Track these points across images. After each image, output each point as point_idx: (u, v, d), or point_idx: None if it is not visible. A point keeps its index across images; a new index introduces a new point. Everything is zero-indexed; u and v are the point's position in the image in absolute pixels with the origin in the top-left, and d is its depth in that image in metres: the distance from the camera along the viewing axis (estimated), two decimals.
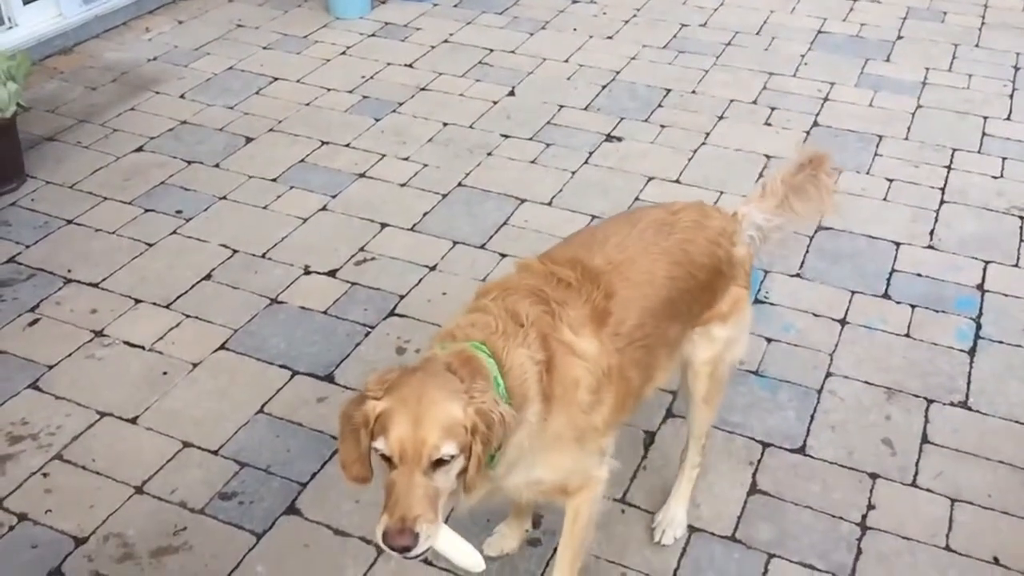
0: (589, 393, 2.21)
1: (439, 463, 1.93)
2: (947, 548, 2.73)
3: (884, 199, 4.25)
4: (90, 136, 4.69)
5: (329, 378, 3.30)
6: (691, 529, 2.77)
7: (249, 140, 4.68)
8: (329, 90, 5.12)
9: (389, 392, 1.97)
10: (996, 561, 2.69)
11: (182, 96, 5.06)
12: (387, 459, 1.95)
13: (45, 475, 2.94)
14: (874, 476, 2.94)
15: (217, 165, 4.48)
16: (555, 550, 2.69)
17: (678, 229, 2.46)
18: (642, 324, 2.31)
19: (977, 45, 5.63)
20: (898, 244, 3.96)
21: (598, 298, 2.26)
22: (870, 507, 2.85)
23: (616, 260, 2.34)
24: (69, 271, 3.79)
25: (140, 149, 4.60)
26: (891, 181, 4.36)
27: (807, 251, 3.91)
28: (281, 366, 3.35)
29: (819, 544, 2.74)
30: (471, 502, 2.17)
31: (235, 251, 3.92)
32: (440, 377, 2.00)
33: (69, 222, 4.08)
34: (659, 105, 4.99)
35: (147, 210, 4.16)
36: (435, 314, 3.57)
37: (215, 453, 3.02)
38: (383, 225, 4.08)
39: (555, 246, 2.53)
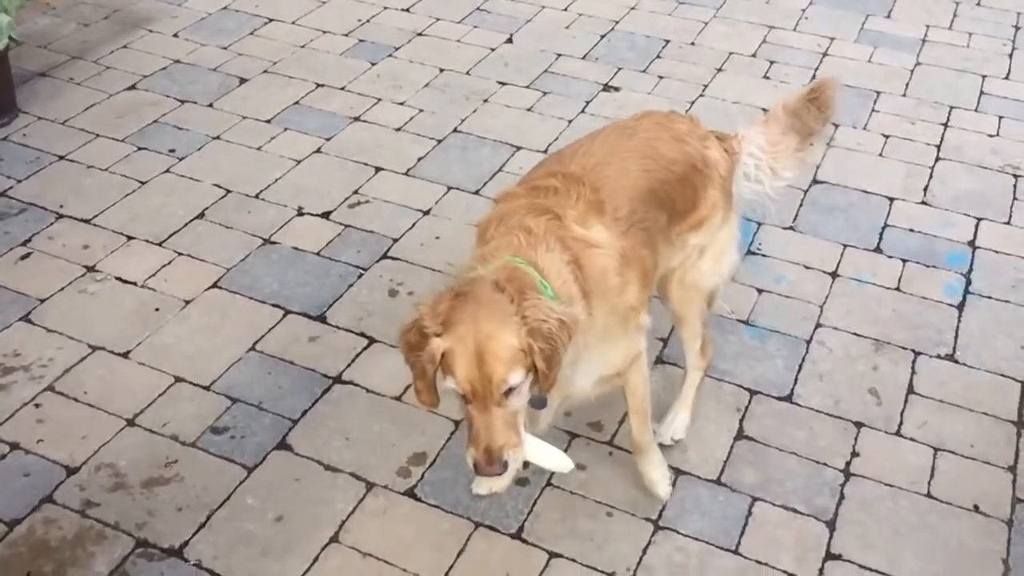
0: (616, 276, 2.31)
1: (509, 391, 2.01)
2: (928, 495, 2.77)
3: (880, 155, 4.24)
4: (83, 73, 4.64)
5: (321, 318, 3.31)
6: (677, 472, 2.81)
7: (243, 81, 4.64)
8: (324, 32, 5.07)
9: (447, 328, 2.02)
10: (976, 508, 2.74)
11: (175, 35, 5.00)
12: (460, 394, 2.04)
13: (37, 406, 2.95)
14: (859, 425, 2.98)
15: (211, 105, 4.44)
16: (542, 490, 2.75)
17: (640, 131, 2.58)
18: (634, 210, 2.41)
19: (979, 3, 5.58)
20: (892, 199, 3.97)
21: (587, 193, 2.35)
22: (854, 455, 2.89)
23: (588, 165, 2.43)
24: (61, 207, 3.78)
25: (133, 87, 4.56)
26: (887, 137, 4.36)
27: (801, 204, 3.92)
28: (273, 305, 3.36)
29: (803, 489, 2.78)
30: (549, 419, 2.31)
31: (228, 191, 3.90)
32: (491, 304, 2.03)
33: (61, 158, 4.06)
34: (657, 56, 4.96)
35: (140, 148, 4.14)
36: (428, 258, 3.57)
37: (207, 388, 3.03)
38: (377, 169, 4.06)
39: (523, 176, 2.60)
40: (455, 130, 4.32)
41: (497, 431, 2.02)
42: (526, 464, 2.28)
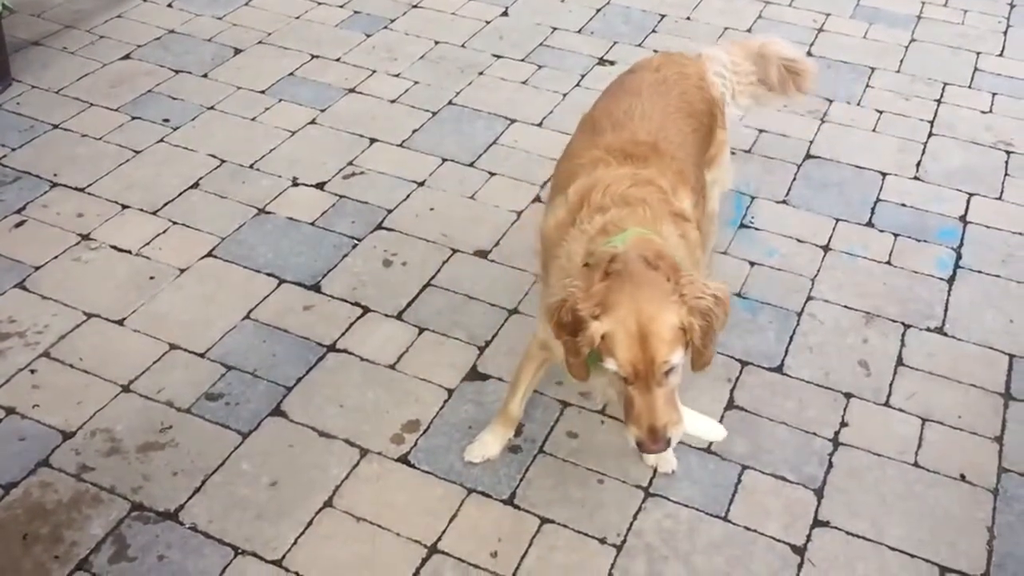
0: (700, 249, 2.38)
1: (669, 369, 2.03)
2: (916, 464, 2.80)
3: (873, 130, 4.26)
4: (76, 42, 4.63)
5: (316, 287, 3.32)
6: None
7: (238, 51, 4.62)
8: (319, 4, 5.05)
9: (605, 311, 2.00)
10: (963, 478, 2.77)
11: (169, 5, 4.98)
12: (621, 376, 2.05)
13: (32, 372, 2.96)
14: (848, 395, 3.01)
15: (205, 75, 4.43)
16: (534, 457, 2.78)
17: (671, 84, 2.67)
18: (697, 177, 2.53)
19: None
20: (884, 174, 3.99)
21: (670, 162, 2.42)
22: (843, 425, 2.92)
23: (654, 130, 2.50)
24: (55, 175, 3.78)
25: (127, 57, 4.54)
26: (881, 113, 4.37)
27: (794, 179, 3.93)
28: (268, 274, 3.36)
29: (792, 458, 2.81)
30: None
31: (223, 161, 3.90)
32: (648, 285, 2.02)
33: (55, 127, 4.05)
34: (653, 30, 4.95)
35: (134, 117, 4.13)
36: (422, 229, 3.58)
37: (201, 356, 3.05)
38: (372, 140, 4.06)
39: (583, 135, 2.61)
40: (450, 102, 4.32)
41: (660, 410, 2.03)
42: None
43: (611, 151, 2.43)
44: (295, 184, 3.79)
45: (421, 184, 3.82)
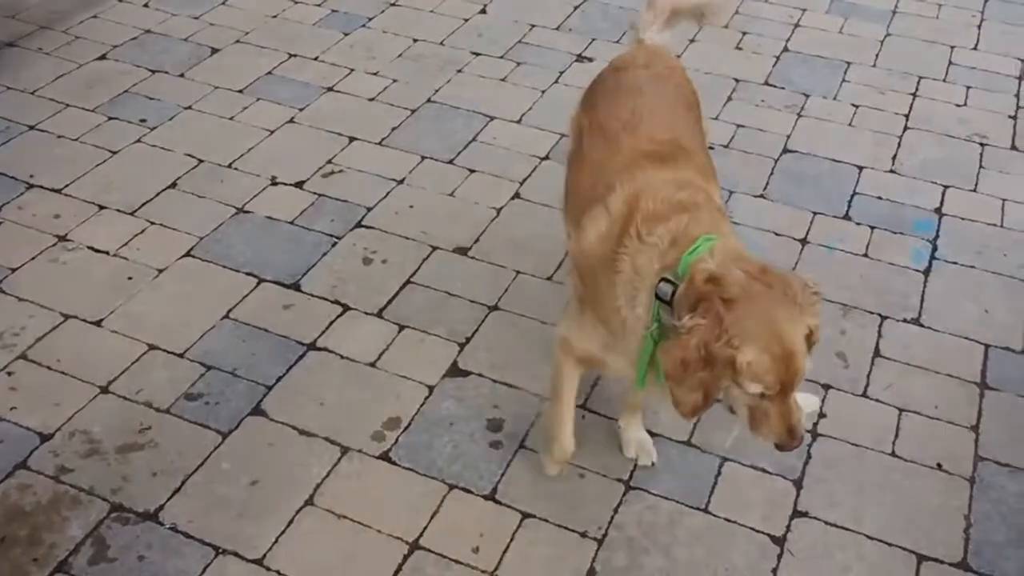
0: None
1: None
2: (893, 454, 2.83)
3: (849, 124, 4.29)
4: (52, 43, 4.60)
5: (295, 286, 3.31)
6: (649, 434, 2.84)
7: (215, 51, 4.61)
8: (297, 3, 5.04)
9: (745, 340, 1.98)
10: (939, 467, 2.80)
11: (146, 5, 4.96)
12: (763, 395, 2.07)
13: (9, 374, 2.94)
14: (826, 387, 3.03)
15: (182, 75, 4.42)
16: (515, 453, 2.78)
17: (664, 79, 2.74)
18: (713, 168, 2.60)
19: None
20: (861, 168, 4.02)
21: (694, 158, 2.48)
22: (821, 416, 2.94)
23: (668, 126, 2.54)
24: (31, 176, 3.75)
25: (103, 57, 4.52)
26: (857, 107, 4.40)
27: (772, 173, 3.96)
28: (247, 274, 3.35)
29: (771, 449, 2.77)
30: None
31: (201, 160, 3.89)
32: (775, 304, 2.02)
33: (31, 128, 4.02)
34: (631, 26, 4.96)
35: (110, 118, 4.11)
36: (402, 226, 3.58)
37: (181, 356, 3.03)
38: (351, 139, 4.06)
39: (595, 142, 2.56)
40: (429, 100, 4.32)
41: (795, 411, 2.08)
42: None
43: (641, 154, 2.42)
44: (274, 183, 3.79)
45: (400, 182, 3.82)
